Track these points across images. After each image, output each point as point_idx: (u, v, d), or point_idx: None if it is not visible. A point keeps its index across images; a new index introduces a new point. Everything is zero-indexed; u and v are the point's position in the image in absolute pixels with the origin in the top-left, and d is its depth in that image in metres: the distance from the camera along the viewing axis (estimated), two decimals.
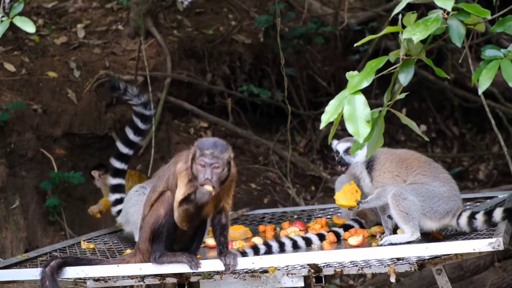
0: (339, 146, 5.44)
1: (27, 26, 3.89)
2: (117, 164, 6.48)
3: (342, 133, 10.41)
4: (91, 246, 5.97)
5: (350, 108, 3.46)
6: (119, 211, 6.42)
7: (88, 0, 10.36)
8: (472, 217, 5.12)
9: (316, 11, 10.94)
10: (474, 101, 10.77)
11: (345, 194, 5.28)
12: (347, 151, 5.40)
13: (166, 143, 9.20)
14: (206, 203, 4.74)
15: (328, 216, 6.39)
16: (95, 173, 6.90)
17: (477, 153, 11.12)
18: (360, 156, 5.39)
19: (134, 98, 6.42)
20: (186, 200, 4.75)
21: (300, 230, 5.84)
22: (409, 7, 3.73)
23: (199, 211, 4.80)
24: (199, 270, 4.81)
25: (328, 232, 5.52)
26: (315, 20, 10.33)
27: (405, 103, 11.28)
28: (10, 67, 8.92)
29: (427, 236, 5.20)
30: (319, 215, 6.57)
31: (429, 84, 11.18)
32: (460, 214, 5.17)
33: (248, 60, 10.30)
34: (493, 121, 5.24)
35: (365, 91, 3.56)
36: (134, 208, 6.01)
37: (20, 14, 3.97)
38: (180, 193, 4.78)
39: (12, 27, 4.02)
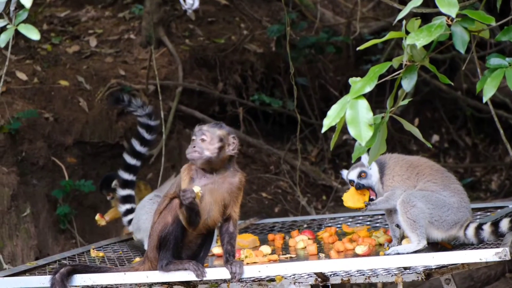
0: (350, 175, 5.36)
1: (32, 33, 3.90)
2: (125, 175, 6.56)
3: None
4: (101, 254, 5.98)
5: (353, 112, 3.45)
6: (130, 221, 6.45)
7: (100, 9, 10.40)
8: (479, 228, 5.08)
9: (328, 21, 10.93)
10: (487, 112, 10.69)
11: (353, 196, 5.24)
12: (360, 175, 5.32)
13: (177, 152, 9.20)
14: (193, 205, 4.71)
15: (338, 225, 6.37)
16: (108, 195, 6.93)
17: (489, 164, 11.05)
18: (374, 174, 5.31)
19: (138, 109, 6.47)
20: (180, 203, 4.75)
21: (309, 239, 5.83)
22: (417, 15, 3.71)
23: (196, 215, 4.77)
24: (205, 278, 4.80)
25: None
26: (326, 29, 10.31)
27: (418, 113, 11.24)
28: (22, 75, 8.95)
29: (435, 246, 5.16)
30: (329, 224, 6.55)
31: (442, 94, 11.13)
32: (467, 226, 5.13)
33: (259, 69, 10.29)
34: (501, 131, 5.19)
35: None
36: (146, 216, 6.02)
37: (33, 23, 3.99)
38: None
39: (24, 35, 4.03)
